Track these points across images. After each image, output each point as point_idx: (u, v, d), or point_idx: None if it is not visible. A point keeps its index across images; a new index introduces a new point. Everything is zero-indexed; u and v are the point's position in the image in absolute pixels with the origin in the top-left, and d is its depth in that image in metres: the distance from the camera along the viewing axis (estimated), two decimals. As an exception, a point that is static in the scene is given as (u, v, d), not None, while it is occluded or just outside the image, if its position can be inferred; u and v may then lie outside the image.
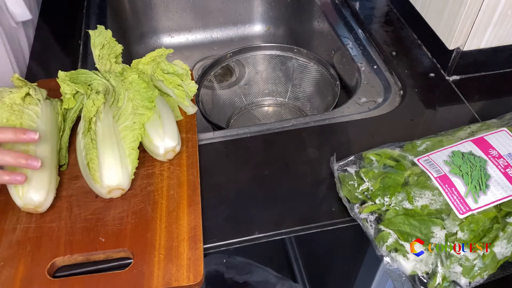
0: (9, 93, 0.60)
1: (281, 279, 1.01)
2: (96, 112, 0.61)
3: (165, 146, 0.61)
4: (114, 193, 0.58)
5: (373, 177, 0.58)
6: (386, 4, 0.96)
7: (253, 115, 1.06)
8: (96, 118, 0.60)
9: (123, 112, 0.61)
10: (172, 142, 0.61)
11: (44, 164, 0.57)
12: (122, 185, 0.57)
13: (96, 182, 0.57)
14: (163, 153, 0.61)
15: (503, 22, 0.72)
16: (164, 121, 0.62)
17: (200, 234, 0.55)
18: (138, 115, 0.61)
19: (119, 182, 0.57)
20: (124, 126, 0.60)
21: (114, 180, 0.57)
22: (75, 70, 0.66)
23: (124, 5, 1.11)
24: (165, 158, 0.62)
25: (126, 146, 0.59)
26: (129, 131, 0.60)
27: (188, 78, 0.70)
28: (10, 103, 0.59)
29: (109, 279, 0.52)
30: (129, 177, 0.58)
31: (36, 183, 0.56)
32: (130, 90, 0.63)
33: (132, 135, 0.60)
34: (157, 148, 0.61)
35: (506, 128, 0.61)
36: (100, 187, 0.57)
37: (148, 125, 0.62)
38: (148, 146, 0.62)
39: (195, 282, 0.51)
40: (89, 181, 0.58)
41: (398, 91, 0.78)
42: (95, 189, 0.58)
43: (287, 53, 1.00)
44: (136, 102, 0.62)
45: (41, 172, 0.56)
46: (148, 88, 0.64)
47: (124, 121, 0.61)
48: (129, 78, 0.64)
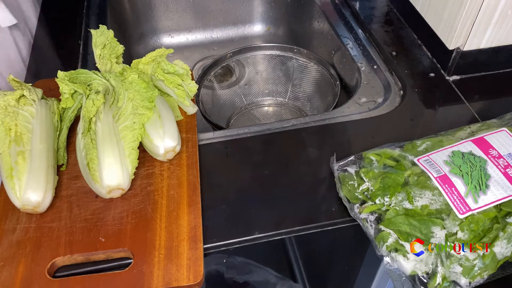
0: (3, 95, 0.60)
1: (281, 279, 1.01)
2: (96, 112, 0.61)
3: (165, 146, 0.61)
4: (114, 193, 0.58)
5: (373, 177, 0.58)
6: (386, 4, 0.96)
7: (253, 115, 1.06)
8: (96, 118, 0.60)
9: (123, 112, 0.61)
10: (172, 142, 0.61)
11: (40, 164, 0.57)
12: (122, 185, 0.57)
13: (96, 182, 0.57)
14: (163, 153, 0.61)
15: (503, 22, 0.72)
16: (164, 121, 0.62)
17: (200, 234, 0.55)
18: (138, 115, 0.62)
19: (119, 182, 0.57)
20: (124, 126, 0.60)
21: (114, 180, 0.57)
22: (74, 70, 0.66)
23: (124, 5, 1.11)
24: (165, 158, 0.62)
25: (126, 146, 0.59)
26: (129, 131, 0.60)
27: (189, 78, 0.70)
28: (4, 105, 0.60)
29: (109, 279, 0.52)
30: (129, 177, 0.58)
31: (33, 183, 0.56)
32: (130, 90, 0.63)
33: (132, 135, 0.60)
34: (157, 148, 0.61)
35: (506, 128, 0.61)
36: (100, 187, 0.57)
37: (148, 125, 0.62)
38: (148, 146, 0.62)
39: (195, 282, 0.51)
40: (89, 181, 0.58)
41: (398, 91, 0.78)
42: (95, 189, 0.58)
43: (287, 53, 1.00)
44: (136, 102, 0.62)
45: (38, 172, 0.56)
46: (148, 88, 0.64)
47: (124, 121, 0.61)
48: (129, 78, 0.64)
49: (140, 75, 0.65)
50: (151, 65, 0.69)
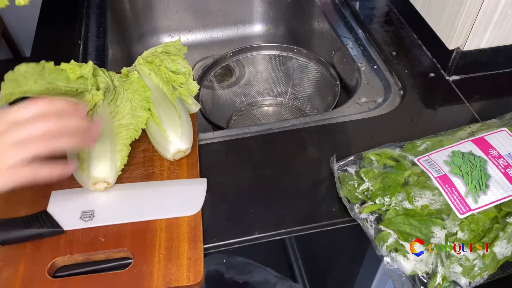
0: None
1: (281, 279, 1.01)
2: (93, 106, 0.61)
3: (179, 146, 0.61)
4: (98, 186, 0.58)
5: (373, 177, 0.58)
6: (386, 4, 0.96)
7: (253, 115, 1.06)
8: (94, 111, 0.60)
9: (120, 111, 0.62)
10: (186, 145, 0.61)
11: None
12: (108, 178, 0.57)
13: (82, 173, 0.56)
14: (174, 152, 0.61)
15: (503, 22, 0.72)
16: (184, 123, 0.62)
17: (200, 234, 0.55)
18: (136, 117, 0.62)
19: (106, 175, 0.57)
20: (119, 123, 0.61)
21: (101, 172, 0.57)
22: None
23: (124, 5, 1.11)
24: (172, 158, 0.62)
25: (118, 142, 0.59)
26: (123, 128, 0.60)
27: (190, 77, 0.70)
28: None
29: (109, 279, 0.52)
30: (116, 172, 0.59)
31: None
32: (129, 91, 0.63)
33: (126, 133, 0.60)
34: (171, 145, 0.61)
35: (506, 128, 0.61)
36: (86, 177, 0.57)
37: (167, 122, 0.61)
38: (160, 142, 0.62)
39: (195, 282, 0.51)
40: (75, 172, 0.58)
41: (398, 91, 0.78)
42: (81, 180, 0.58)
43: (287, 53, 1.00)
44: (135, 102, 0.63)
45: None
46: (146, 88, 0.64)
47: (120, 119, 0.61)
48: (131, 78, 0.64)
49: (156, 70, 0.66)
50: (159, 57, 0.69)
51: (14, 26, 1.95)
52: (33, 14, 0.95)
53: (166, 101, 0.64)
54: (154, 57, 0.68)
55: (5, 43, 2.01)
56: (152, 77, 0.66)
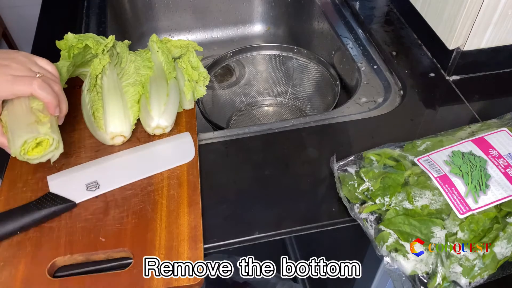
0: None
1: (281, 279, 1.01)
2: (102, 69, 0.66)
3: (159, 122, 0.65)
4: (116, 140, 0.64)
5: (373, 177, 0.58)
6: (386, 4, 0.96)
7: (253, 115, 1.06)
8: (103, 74, 0.66)
9: (125, 72, 0.68)
10: (167, 122, 0.65)
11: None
12: (125, 132, 0.63)
13: (100, 129, 0.62)
14: (154, 126, 0.65)
15: (503, 22, 0.72)
16: (170, 101, 0.66)
17: (200, 234, 0.55)
18: (140, 75, 0.68)
19: (122, 129, 0.63)
20: (127, 83, 0.66)
21: (117, 127, 0.63)
22: (83, 34, 0.71)
23: (124, 5, 1.11)
24: (152, 132, 0.66)
25: (128, 99, 0.65)
26: (131, 86, 0.66)
27: (202, 82, 0.73)
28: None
29: (109, 279, 0.52)
30: (131, 126, 0.64)
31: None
32: (132, 53, 0.71)
33: (134, 90, 0.66)
34: (151, 120, 0.64)
35: (506, 128, 0.61)
36: (104, 133, 0.62)
37: (154, 97, 0.65)
38: (144, 115, 0.65)
39: (195, 282, 0.51)
40: (93, 130, 0.64)
41: (398, 91, 0.78)
42: (99, 136, 0.64)
43: (287, 53, 1.00)
44: (138, 63, 0.69)
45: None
46: (149, 54, 0.71)
47: (127, 79, 0.67)
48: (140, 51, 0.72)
49: (164, 50, 0.72)
50: (180, 50, 0.76)
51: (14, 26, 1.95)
52: (33, 14, 0.95)
53: (162, 79, 0.68)
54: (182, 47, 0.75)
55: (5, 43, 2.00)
56: (159, 55, 0.71)
